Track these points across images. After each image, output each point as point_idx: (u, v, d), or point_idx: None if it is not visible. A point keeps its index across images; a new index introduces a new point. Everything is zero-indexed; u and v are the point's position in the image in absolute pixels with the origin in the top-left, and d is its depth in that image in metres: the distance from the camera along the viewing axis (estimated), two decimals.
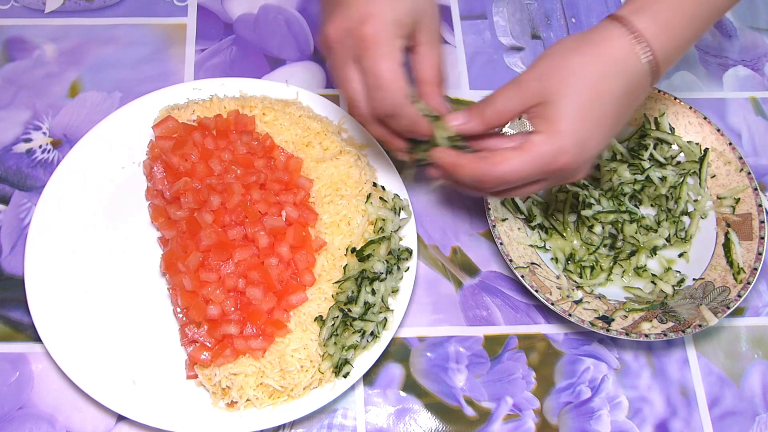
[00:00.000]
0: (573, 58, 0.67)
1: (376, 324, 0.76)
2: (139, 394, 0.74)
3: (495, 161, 0.67)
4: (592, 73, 0.66)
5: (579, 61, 0.67)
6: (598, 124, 0.67)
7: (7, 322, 0.79)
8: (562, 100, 0.66)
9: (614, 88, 0.66)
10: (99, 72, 0.93)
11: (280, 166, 0.82)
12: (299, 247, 0.77)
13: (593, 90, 0.66)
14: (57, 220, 0.80)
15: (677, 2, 0.67)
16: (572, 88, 0.66)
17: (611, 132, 0.69)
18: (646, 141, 0.89)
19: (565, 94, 0.66)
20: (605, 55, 0.67)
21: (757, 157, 0.95)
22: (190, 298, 0.74)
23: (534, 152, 0.66)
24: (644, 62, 0.67)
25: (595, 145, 0.68)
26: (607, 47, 0.67)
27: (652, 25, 0.67)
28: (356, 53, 0.68)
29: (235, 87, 0.88)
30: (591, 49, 0.67)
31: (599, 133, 0.67)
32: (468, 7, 1.02)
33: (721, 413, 0.80)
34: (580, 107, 0.66)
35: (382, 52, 0.67)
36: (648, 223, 0.86)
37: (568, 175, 0.69)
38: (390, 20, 0.67)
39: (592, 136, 0.67)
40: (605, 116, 0.67)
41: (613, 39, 0.67)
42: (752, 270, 0.80)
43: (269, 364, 0.73)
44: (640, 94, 0.69)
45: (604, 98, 0.66)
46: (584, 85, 0.66)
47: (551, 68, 0.68)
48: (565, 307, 0.77)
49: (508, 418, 0.78)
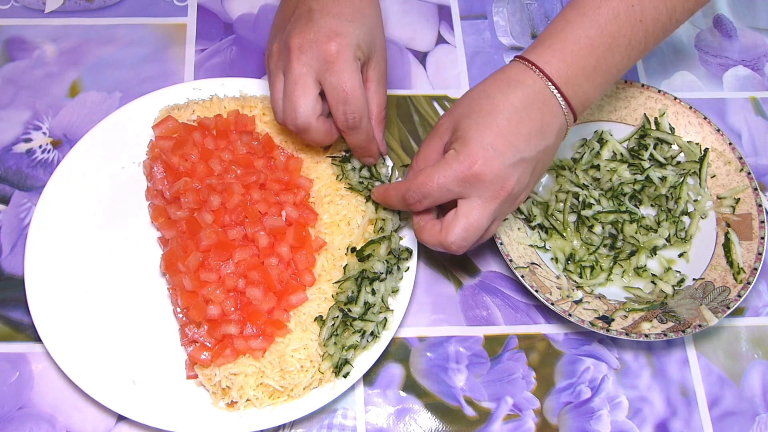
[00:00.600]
0: (475, 90, 0.73)
1: (376, 324, 0.76)
2: (139, 394, 0.74)
3: (412, 176, 0.72)
4: (492, 93, 0.71)
5: (480, 90, 0.72)
6: (503, 132, 0.69)
7: (7, 322, 0.79)
8: (466, 120, 0.71)
9: (512, 100, 0.70)
10: (99, 72, 0.93)
11: (280, 166, 0.82)
12: (299, 247, 0.78)
13: (494, 106, 0.70)
14: (57, 220, 0.81)
15: (566, 37, 0.71)
16: (473, 108, 0.71)
17: (525, 142, 0.70)
18: (646, 141, 0.89)
19: (467, 114, 0.71)
20: (501, 78, 0.72)
21: (757, 157, 0.95)
22: (190, 298, 0.74)
23: (445, 163, 0.70)
24: (543, 83, 0.71)
25: (506, 150, 0.69)
26: (504, 74, 0.72)
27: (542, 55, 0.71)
28: (319, 67, 0.72)
29: (235, 87, 0.88)
30: (491, 80, 0.73)
31: (508, 138, 0.69)
32: (468, 7, 1.02)
33: (721, 413, 0.80)
34: (481, 119, 0.70)
35: (347, 68, 0.72)
36: (648, 223, 0.86)
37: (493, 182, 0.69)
38: (354, 42, 0.73)
39: (498, 141, 0.69)
40: (510, 125, 0.69)
41: (511, 69, 0.72)
42: (752, 270, 0.80)
43: (269, 364, 0.73)
44: (547, 114, 0.71)
45: (506, 111, 0.70)
46: (486, 103, 0.71)
47: (458, 105, 0.73)
48: (565, 307, 0.78)
49: (508, 418, 0.78)
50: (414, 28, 1.00)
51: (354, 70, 0.73)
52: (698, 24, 1.05)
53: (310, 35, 0.72)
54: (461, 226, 0.70)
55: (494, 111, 0.70)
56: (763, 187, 0.93)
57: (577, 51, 0.71)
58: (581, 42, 0.71)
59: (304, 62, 0.72)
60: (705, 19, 1.05)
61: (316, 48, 0.72)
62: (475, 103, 0.71)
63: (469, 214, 0.70)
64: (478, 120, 0.70)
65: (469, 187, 0.69)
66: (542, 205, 0.86)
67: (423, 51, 0.98)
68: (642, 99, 0.91)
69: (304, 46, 0.72)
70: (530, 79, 0.71)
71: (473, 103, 0.71)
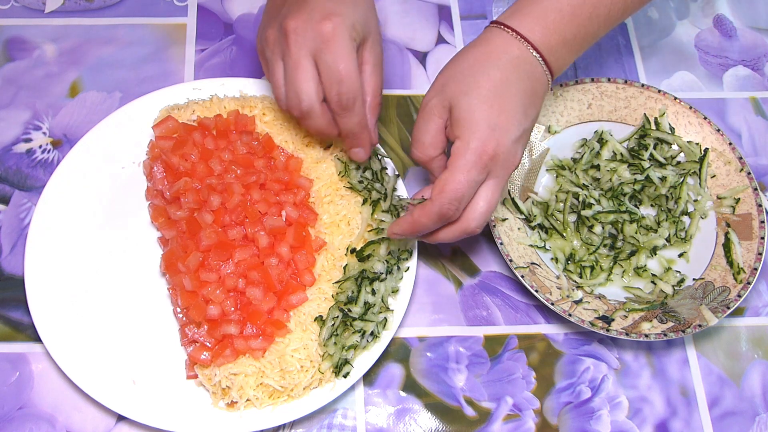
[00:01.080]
0: (462, 63, 0.72)
1: (376, 324, 0.76)
2: (139, 394, 0.74)
3: (438, 190, 0.69)
4: (482, 67, 0.71)
5: (469, 63, 0.72)
6: (504, 107, 0.70)
7: (7, 322, 0.79)
8: (463, 98, 0.70)
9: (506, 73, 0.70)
10: (99, 72, 0.93)
11: (280, 166, 0.82)
12: (299, 247, 0.77)
13: (488, 80, 0.70)
14: (57, 220, 0.80)
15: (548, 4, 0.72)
16: (469, 84, 0.70)
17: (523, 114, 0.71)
18: (646, 141, 0.89)
19: (463, 91, 0.70)
20: (489, 50, 0.72)
21: (757, 157, 0.95)
22: (190, 298, 0.74)
23: (460, 159, 0.69)
24: (527, 50, 0.71)
25: (511, 126, 0.70)
26: (488, 45, 0.72)
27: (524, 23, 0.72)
28: (315, 47, 0.71)
29: (235, 87, 0.88)
30: (476, 51, 0.72)
31: (510, 114, 0.70)
32: (468, 7, 1.02)
33: (721, 413, 0.80)
34: (480, 96, 0.70)
35: (342, 47, 0.71)
36: (648, 223, 0.86)
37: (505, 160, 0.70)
38: (349, 23, 0.72)
39: (501, 118, 0.69)
40: (508, 99, 0.70)
41: (494, 38, 0.72)
42: (752, 270, 0.80)
43: (269, 364, 0.73)
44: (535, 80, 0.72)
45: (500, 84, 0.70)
46: (480, 78, 0.70)
47: (446, 79, 0.72)
48: (565, 307, 0.78)
49: (508, 418, 0.78)
50: (414, 28, 1.00)
51: (350, 49, 0.71)
52: (698, 24, 1.05)
53: (304, 16, 0.71)
54: (483, 210, 0.71)
55: (490, 86, 0.70)
56: (763, 187, 0.93)
57: (560, 19, 0.72)
58: (564, 10, 0.72)
59: (301, 44, 0.71)
60: (705, 19, 1.05)
61: (311, 28, 0.71)
62: (469, 79, 0.70)
63: (488, 197, 0.71)
64: (477, 98, 0.69)
65: (488, 169, 0.70)
66: (542, 205, 0.86)
67: (423, 51, 0.98)
68: (642, 99, 0.91)
69: (299, 28, 0.71)
70: (515, 48, 0.71)
71: (466, 80, 0.71)
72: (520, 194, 0.86)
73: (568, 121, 0.91)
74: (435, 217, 0.70)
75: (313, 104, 0.73)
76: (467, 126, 0.69)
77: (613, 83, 0.90)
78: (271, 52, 0.75)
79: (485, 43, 0.72)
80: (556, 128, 0.90)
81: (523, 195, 0.87)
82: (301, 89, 0.72)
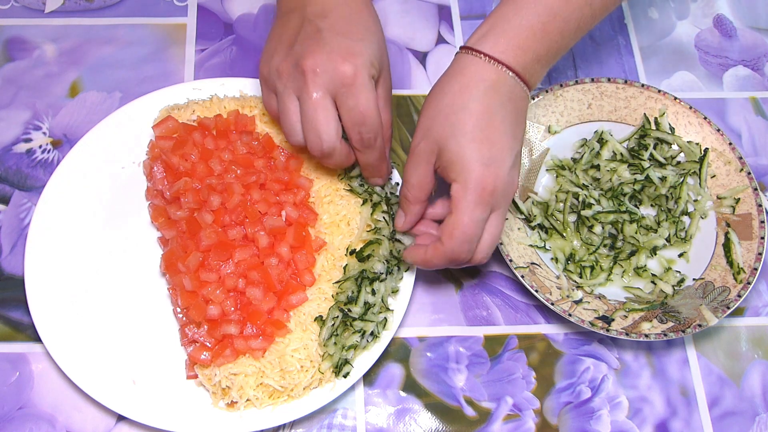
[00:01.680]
0: (442, 100, 0.71)
1: (376, 324, 0.76)
2: (139, 394, 0.74)
3: (447, 236, 0.70)
4: (462, 102, 0.70)
5: (449, 100, 0.70)
6: (492, 140, 0.69)
7: (7, 322, 0.79)
8: (451, 141, 0.69)
9: (486, 103, 0.69)
10: (99, 72, 0.93)
11: (280, 166, 0.82)
12: (299, 247, 0.78)
13: (471, 116, 0.69)
14: (57, 220, 0.81)
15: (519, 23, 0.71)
16: (453, 125, 0.69)
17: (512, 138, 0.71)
18: (646, 141, 0.89)
19: (449, 134, 0.69)
20: (465, 82, 0.70)
21: (757, 157, 0.95)
22: (190, 298, 0.74)
23: (462, 201, 0.69)
24: (504, 73, 0.70)
25: (504, 156, 0.69)
26: (464, 76, 0.71)
27: (497, 45, 0.70)
28: (335, 89, 0.71)
29: (235, 87, 0.88)
30: (453, 85, 0.71)
31: (500, 145, 0.69)
32: (468, 7, 1.02)
33: (721, 413, 0.80)
34: (467, 136, 0.69)
35: (363, 89, 0.71)
36: (648, 223, 0.86)
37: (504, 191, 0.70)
38: (368, 61, 0.72)
39: (493, 151, 0.69)
40: (495, 130, 0.69)
41: (468, 67, 0.71)
42: (752, 270, 0.80)
43: (269, 364, 0.73)
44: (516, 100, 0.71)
45: (484, 116, 0.69)
46: (462, 116, 0.69)
47: (429, 120, 0.71)
48: (565, 307, 0.78)
49: (508, 418, 0.78)
50: (414, 28, 1.00)
51: (371, 90, 0.72)
52: (698, 24, 1.05)
53: (323, 56, 0.70)
54: (488, 242, 0.72)
55: (474, 122, 0.69)
56: (763, 187, 0.93)
57: (532, 37, 0.71)
58: (535, 28, 0.71)
59: (321, 85, 0.70)
60: (705, 19, 1.05)
61: (332, 70, 0.70)
62: (452, 119, 0.69)
63: (492, 230, 0.72)
64: (465, 137, 0.69)
65: (490, 205, 0.70)
66: (542, 205, 0.86)
67: (423, 51, 0.98)
68: (642, 99, 0.91)
69: (319, 67, 0.70)
70: (492, 73, 0.70)
71: (449, 120, 0.70)
72: (520, 194, 0.86)
73: (568, 121, 0.91)
74: (447, 259, 0.72)
75: (335, 145, 0.73)
76: (461, 168, 0.69)
77: (613, 83, 0.90)
78: (284, 86, 0.73)
79: (460, 74, 0.71)
80: (556, 128, 0.90)
81: (523, 195, 0.87)
82: (323, 131, 0.72)
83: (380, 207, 0.80)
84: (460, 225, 0.69)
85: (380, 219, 0.79)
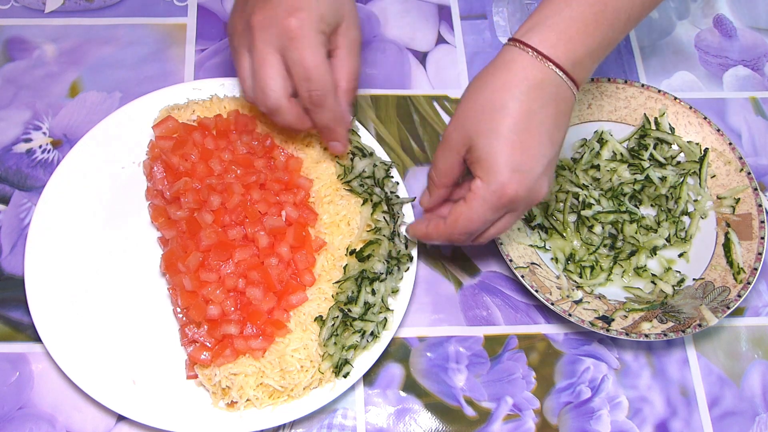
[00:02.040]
0: (482, 94, 0.68)
1: (376, 324, 0.76)
2: (139, 394, 0.74)
3: (452, 220, 0.71)
4: (502, 100, 0.67)
5: (488, 96, 0.68)
6: (526, 145, 0.67)
7: (7, 322, 0.79)
8: (483, 139, 0.67)
9: (527, 104, 0.66)
10: (99, 72, 0.93)
11: (280, 166, 0.82)
12: (299, 247, 0.77)
13: (508, 116, 0.66)
14: (57, 220, 0.80)
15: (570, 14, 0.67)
16: (489, 123, 0.67)
17: (548, 144, 0.68)
18: (646, 141, 0.89)
19: (483, 131, 0.67)
20: (509, 79, 0.67)
21: (757, 157, 0.95)
22: (190, 298, 0.74)
23: (478, 199, 0.68)
24: (551, 71, 0.67)
25: (535, 164, 0.67)
26: (508, 71, 0.67)
27: (547, 39, 0.67)
28: (281, 43, 0.70)
29: (235, 87, 0.88)
30: (495, 80, 0.68)
31: (533, 151, 0.67)
32: (468, 7, 1.02)
33: (721, 413, 0.80)
34: (500, 138, 0.66)
35: (308, 44, 0.70)
36: (648, 223, 0.86)
37: (527, 198, 0.69)
38: (315, 15, 0.71)
39: (524, 158, 0.67)
40: (530, 134, 0.67)
41: (515, 62, 0.67)
42: (752, 270, 0.80)
43: (269, 364, 0.73)
44: (560, 101, 0.68)
45: (522, 118, 0.66)
46: (499, 116, 0.67)
47: (466, 112, 0.69)
48: (565, 307, 0.78)
49: (508, 418, 0.78)
50: (414, 28, 1.00)
51: (316, 44, 0.71)
52: (698, 24, 1.05)
53: (270, 12, 0.71)
54: (492, 233, 0.73)
55: (510, 124, 0.66)
56: (763, 187, 0.93)
57: (583, 30, 0.67)
58: (588, 20, 0.67)
59: (267, 41, 0.71)
60: (705, 19, 1.05)
61: (277, 24, 0.70)
62: (488, 117, 0.67)
63: (500, 226, 0.72)
64: (497, 139, 0.66)
65: (506, 209, 0.69)
66: (542, 205, 0.86)
67: (423, 51, 0.98)
68: (642, 99, 0.91)
69: (265, 23, 0.71)
70: (538, 71, 0.66)
71: (485, 117, 0.67)
72: None
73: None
74: (445, 239, 0.73)
75: (280, 101, 0.73)
76: (488, 169, 0.67)
77: (613, 83, 0.90)
78: (238, 43, 0.75)
79: (505, 68, 0.67)
80: None
81: None
82: (267, 85, 0.72)
83: (380, 207, 0.80)
84: (468, 219, 0.69)
85: (380, 219, 0.79)
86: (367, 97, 0.94)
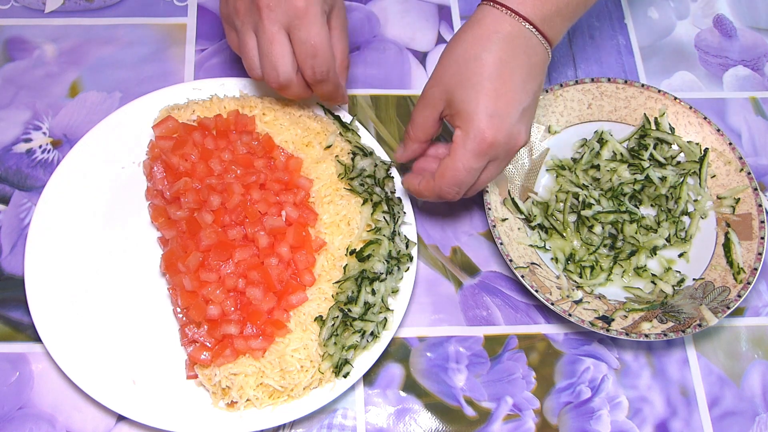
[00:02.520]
0: (456, 50, 0.73)
1: (376, 324, 0.76)
2: (139, 394, 0.74)
3: (439, 174, 0.74)
4: (475, 52, 0.71)
5: (463, 50, 0.72)
6: (501, 92, 0.71)
7: (7, 322, 0.79)
8: (459, 90, 0.72)
9: (498, 54, 0.71)
10: (99, 72, 0.93)
11: (280, 166, 0.82)
12: (299, 247, 0.77)
13: (482, 66, 0.71)
14: (57, 220, 0.81)
15: None
16: (464, 75, 0.72)
17: (522, 92, 0.72)
18: (646, 141, 0.89)
19: (460, 83, 0.72)
20: (481, 33, 0.72)
21: (757, 157, 0.95)
22: (190, 298, 0.74)
23: (460, 148, 0.72)
24: (521, 25, 0.71)
25: (511, 109, 0.71)
26: (481, 27, 0.72)
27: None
28: (288, 22, 0.73)
29: (235, 87, 0.88)
30: (468, 35, 0.73)
31: (507, 97, 0.71)
32: (468, 7, 1.02)
33: (721, 413, 0.80)
34: (476, 86, 0.71)
35: (315, 22, 0.74)
36: (648, 223, 0.86)
37: (507, 144, 0.72)
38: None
39: (500, 104, 0.71)
40: (504, 82, 0.71)
41: (486, 18, 0.72)
42: (752, 270, 0.80)
43: (269, 364, 0.73)
44: (532, 53, 0.72)
45: (495, 67, 0.71)
46: (473, 66, 0.71)
47: (443, 68, 0.74)
48: (565, 307, 0.78)
49: (508, 418, 0.78)
50: (414, 28, 1.00)
51: (322, 23, 0.74)
52: (698, 24, 1.05)
53: None
54: (480, 185, 0.76)
55: (484, 73, 0.71)
56: (763, 187, 0.93)
57: None
58: None
59: (275, 19, 0.73)
60: (705, 19, 1.05)
61: (285, 3, 0.73)
62: (464, 68, 0.72)
63: (485, 175, 0.75)
64: (473, 88, 0.71)
65: (488, 156, 0.72)
66: (542, 205, 0.86)
67: (423, 51, 0.98)
68: (642, 99, 0.91)
69: (272, 3, 0.73)
70: (507, 24, 0.71)
71: (461, 69, 0.72)
72: (520, 194, 0.86)
73: (568, 121, 0.91)
74: (435, 195, 0.76)
75: (291, 77, 0.76)
76: (466, 117, 0.71)
77: (613, 83, 0.90)
78: (242, 23, 0.77)
79: (477, 24, 0.73)
80: (556, 128, 0.90)
81: (523, 195, 0.87)
82: (278, 63, 0.75)
83: (380, 207, 0.80)
84: (453, 169, 0.72)
85: (380, 219, 0.79)
86: (367, 97, 0.94)
